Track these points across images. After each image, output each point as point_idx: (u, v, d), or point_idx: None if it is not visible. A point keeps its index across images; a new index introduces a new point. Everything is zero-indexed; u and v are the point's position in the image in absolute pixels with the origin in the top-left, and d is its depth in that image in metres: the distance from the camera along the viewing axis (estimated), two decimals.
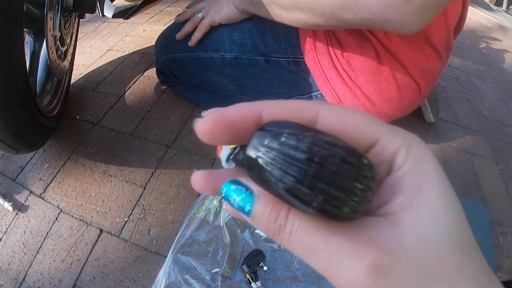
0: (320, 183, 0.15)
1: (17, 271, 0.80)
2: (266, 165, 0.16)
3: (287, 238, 0.18)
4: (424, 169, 0.19)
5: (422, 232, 0.18)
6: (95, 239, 0.85)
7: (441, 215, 0.18)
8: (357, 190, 0.16)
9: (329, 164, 0.15)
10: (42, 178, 0.97)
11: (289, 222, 0.18)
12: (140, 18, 1.74)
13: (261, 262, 0.79)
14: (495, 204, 1.12)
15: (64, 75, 1.13)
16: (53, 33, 0.95)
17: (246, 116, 0.19)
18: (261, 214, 0.19)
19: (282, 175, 0.16)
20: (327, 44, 0.87)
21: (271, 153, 0.16)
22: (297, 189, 0.16)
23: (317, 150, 0.16)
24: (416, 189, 0.19)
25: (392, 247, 0.17)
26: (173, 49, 1.04)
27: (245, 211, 0.19)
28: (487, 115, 1.56)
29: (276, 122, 0.18)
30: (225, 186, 0.20)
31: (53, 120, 1.01)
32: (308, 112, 0.20)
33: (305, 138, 0.16)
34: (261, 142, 0.17)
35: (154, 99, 1.22)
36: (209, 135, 0.19)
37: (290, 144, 0.16)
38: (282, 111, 0.19)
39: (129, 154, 1.04)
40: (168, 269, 0.77)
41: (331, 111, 0.20)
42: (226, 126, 0.19)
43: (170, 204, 0.93)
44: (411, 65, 0.83)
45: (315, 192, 0.15)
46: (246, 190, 0.19)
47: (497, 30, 2.72)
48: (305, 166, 0.15)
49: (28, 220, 0.89)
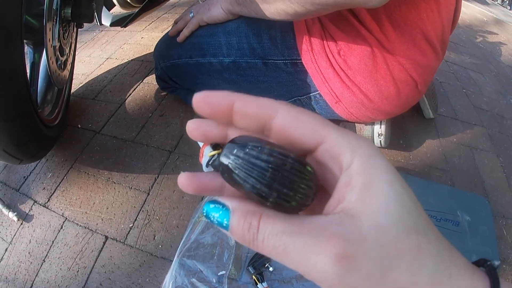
0: (274, 184, 0.20)
1: (24, 281, 0.80)
2: (235, 169, 0.21)
3: (261, 244, 0.21)
4: (373, 165, 0.21)
5: (377, 221, 0.20)
6: (100, 246, 0.85)
7: (391, 205, 0.20)
8: (301, 189, 0.21)
9: (282, 170, 0.21)
10: (46, 188, 0.98)
11: (260, 230, 0.21)
12: (138, 26, 1.76)
13: (267, 263, 0.80)
14: (497, 197, 1.12)
15: (65, 85, 1.14)
16: (52, 44, 0.96)
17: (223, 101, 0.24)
18: (237, 226, 0.21)
19: (246, 177, 0.21)
20: (323, 44, 0.87)
21: (238, 160, 0.21)
22: (258, 188, 0.21)
23: (273, 160, 0.21)
24: (367, 184, 0.21)
25: (353, 237, 0.19)
26: (171, 55, 1.04)
27: (223, 226, 0.22)
28: (486, 108, 1.56)
29: (243, 137, 0.23)
30: (205, 206, 0.23)
31: (55, 129, 1.01)
32: (267, 109, 0.23)
33: (264, 149, 0.21)
34: (231, 151, 0.22)
35: (155, 105, 1.23)
36: (196, 105, 0.24)
37: (253, 154, 0.21)
38: (248, 105, 0.23)
39: (132, 161, 1.04)
40: (175, 273, 0.77)
41: (286, 112, 0.23)
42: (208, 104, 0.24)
43: (174, 209, 0.93)
44: (407, 61, 0.83)
45: (271, 190, 0.21)
46: (223, 207, 0.22)
47: (493, 23, 2.73)
48: (263, 171, 0.20)
49: (33, 229, 0.89)
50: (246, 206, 0.22)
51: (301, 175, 0.21)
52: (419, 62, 0.84)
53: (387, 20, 0.80)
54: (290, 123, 0.23)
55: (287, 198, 0.21)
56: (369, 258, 0.19)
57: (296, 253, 0.20)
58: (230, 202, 0.22)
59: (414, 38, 0.82)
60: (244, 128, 0.24)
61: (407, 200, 0.21)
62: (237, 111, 0.23)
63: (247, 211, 0.21)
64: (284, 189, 0.21)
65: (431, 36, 0.83)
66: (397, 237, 0.20)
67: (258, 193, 0.21)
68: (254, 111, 0.23)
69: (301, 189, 0.21)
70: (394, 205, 0.20)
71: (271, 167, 0.20)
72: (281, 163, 0.21)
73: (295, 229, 0.20)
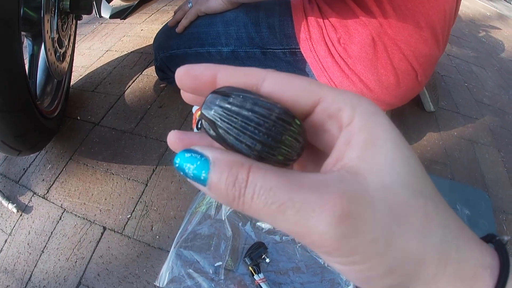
0: (259, 135, 0.19)
1: (23, 271, 0.81)
2: (216, 120, 0.19)
3: (250, 201, 0.18)
4: (376, 122, 0.19)
5: (384, 181, 0.18)
6: (98, 237, 0.86)
7: (399, 165, 0.18)
8: (288, 141, 0.19)
9: (267, 120, 0.19)
10: (45, 179, 0.98)
11: (250, 185, 0.18)
12: (137, 18, 1.75)
13: (264, 254, 0.80)
14: (497, 192, 1.12)
15: (64, 77, 1.13)
16: (50, 35, 0.96)
17: (205, 72, 0.22)
18: (218, 179, 0.18)
19: (229, 128, 0.19)
20: (321, 32, 0.87)
21: (220, 111, 0.19)
22: (240, 139, 0.19)
23: (258, 109, 0.19)
24: (370, 141, 0.19)
25: (359, 196, 0.17)
26: (170, 46, 1.04)
27: (200, 180, 0.19)
28: (487, 103, 1.55)
29: (226, 87, 0.21)
30: (178, 155, 0.20)
31: (54, 121, 1.01)
32: (254, 77, 0.21)
33: (248, 99, 0.19)
34: (213, 101, 0.20)
35: (154, 97, 1.23)
36: (179, 80, 0.22)
37: (236, 103, 0.19)
38: (232, 74, 0.22)
39: (130, 152, 1.04)
40: (171, 264, 0.77)
41: (275, 77, 0.21)
42: (190, 76, 0.22)
43: (172, 200, 0.93)
44: (408, 48, 0.82)
45: (255, 141, 0.19)
46: (201, 157, 0.19)
47: (496, 18, 2.70)
48: (247, 121, 0.19)
49: (32, 220, 0.89)
50: (230, 157, 0.19)
51: (288, 126, 0.19)
52: (420, 51, 0.83)
53: (388, 3, 0.79)
54: (280, 87, 0.21)
55: (272, 150, 0.19)
56: (376, 220, 0.17)
57: (294, 211, 0.17)
58: (210, 152, 0.19)
59: (416, 23, 0.80)
60: None
61: (413, 163, 0.19)
62: (221, 81, 0.21)
63: (233, 162, 0.18)
64: (269, 140, 0.19)
65: (434, 23, 0.82)
66: (405, 200, 0.18)
67: (241, 144, 0.19)
68: (239, 80, 0.21)
69: (287, 141, 0.19)
70: (400, 166, 0.18)
71: (255, 117, 0.19)
72: (267, 113, 0.19)
73: (292, 184, 0.18)
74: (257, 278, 0.76)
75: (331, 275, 0.79)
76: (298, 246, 0.83)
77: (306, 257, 0.81)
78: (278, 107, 0.19)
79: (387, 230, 0.17)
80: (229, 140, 0.19)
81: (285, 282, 0.78)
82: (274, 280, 0.78)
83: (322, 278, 0.78)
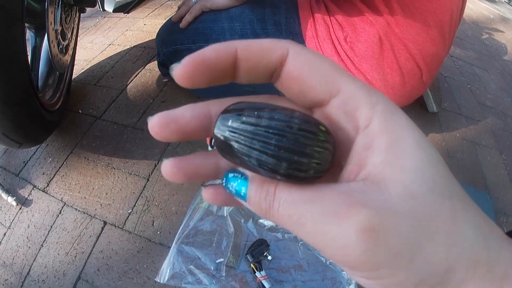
0: (282, 152, 0.17)
1: (22, 265, 0.80)
2: (233, 144, 0.18)
3: (277, 213, 0.19)
4: (396, 123, 0.18)
5: (408, 188, 0.17)
6: (99, 232, 0.85)
7: (424, 168, 0.17)
8: (317, 153, 0.18)
9: (288, 134, 0.17)
10: (46, 172, 0.98)
11: (276, 198, 0.19)
12: (141, 12, 1.74)
13: (265, 251, 0.79)
14: (498, 194, 1.12)
15: (66, 70, 1.13)
16: (54, 27, 0.95)
17: (220, 55, 0.19)
18: (254, 194, 0.20)
19: (248, 150, 0.18)
20: (328, 30, 0.86)
21: (235, 132, 0.18)
22: (263, 160, 0.17)
23: (275, 124, 0.17)
24: (393, 144, 0.18)
25: (381, 207, 0.16)
26: (174, 41, 1.03)
27: (241, 195, 0.20)
28: (490, 105, 1.55)
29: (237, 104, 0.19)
30: (225, 175, 0.22)
31: (55, 114, 1.01)
32: (277, 53, 0.19)
33: (263, 113, 0.18)
34: (224, 123, 0.18)
35: (156, 91, 1.22)
36: (186, 78, 0.19)
37: (250, 121, 0.18)
38: (254, 50, 0.20)
39: (132, 147, 1.04)
40: (173, 260, 0.77)
41: (297, 57, 0.19)
42: (203, 68, 0.19)
43: (174, 195, 0.93)
44: (415, 47, 0.82)
45: (279, 161, 0.17)
46: (241, 176, 0.21)
47: (499, 21, 2.70)
48: (266, 139, 0.17)
49: (32, 214, 0.89)
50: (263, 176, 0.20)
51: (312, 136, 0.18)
52: (427, 50, 0.83)
53: (396, 1, 0.78)
54: (302, 69, 0.19)
55: (301, 166, 0.17)
56: (400, 233, 0.16)
57: (312, 223, 0.17)
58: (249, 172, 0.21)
59: (425, 22, 0.80)
60: (249, 81, 0.21)
61: (438, 162, 0.18)
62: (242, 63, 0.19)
63: (264, 180, 0.20)
64: (294, 156, 0.17)
65: (442, 22, 0.81)
66: (431, 206, 0.17)
67: (265, 167, 0.18)
68: (262, 58, 0.19)
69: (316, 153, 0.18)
70: (426, 168, 0.17)
71: (274, 133, 0.17)
72: (287, 125, 0.17)
73: (311, 196, 0.18)
74: (259, 276, 0.76)
75: (333, 274, 0.78)
76: (300, 244, 0.83)
77: (308, 255, 0.81)
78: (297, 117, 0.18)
79: (412, 242, 0.16)
80: (251, 165, 0.18)
81: (287, 280, 0.77)
82: (275, 277, 0.78)
83: (324, 277, 0.78)
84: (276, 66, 0.20)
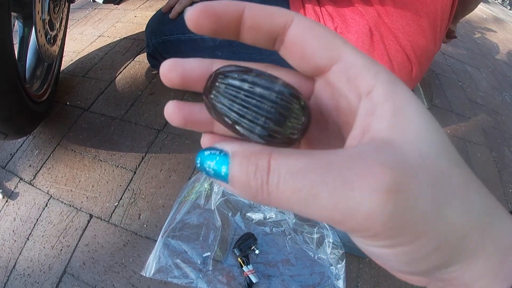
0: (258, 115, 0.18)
1: (7, 259, 0.79)
2: (217, 101, 0.19)
3: (276, 189, 0.16)
4: (398, 92, 0.18)
5: (421, 149, 0.16)
6: (85, 225, 0.84)
7: (430, 134, 0.17)
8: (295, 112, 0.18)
9: (267, 99, 0.18)
10: (32, 165, 0.96)
11: (273, 171, 0.16)
12: (131, 4, 1.72)
13: (253, 245, 0.79)
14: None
15: (54, 60, 1.11)
16: (41, 16, 0.93)
17: (229, 9, 0.19)
18: (239, 171, 0.17)
19: (227, 110, 0.19)
20: (318, 20, 0.85)
21: (220, 91, 0.19)
22: (240, 122, 0.18)
23: (258, 87, 0.18)
24: (398, 111, 0.17)
25: (401, 166, 0.15)
26: (163, 31, 1.02)
27: (221, 176, 0.17)
28: (481, 103, 1.56)
29: (227, 67, 0.20)
30: (199, 154, 0.19)
31: (43, 105, 0.99)
32: (280, 19, 0.19)
33: (248, 78, 0.19)
34: (212, 84, 0.19)
35: (145, 84, 1.21)
36: (195, 22, 0.19)
37: (235, 84, 0.19)
38: (261, 11, 0.20)
39: (119, 139, 1.02)
40: (159, 254, 0.76)
41: (301, 23, 0.19)
42: (210, 16, 0.19)
43: (161, 188, 0.92)
44: (405, 38, 0.81)
45: (254, 124, 0.18)
46: (220, 153, 0.18)
47: (492, 21, 2.72)
48: (245, 103, 0.18)
49: (18, 207, 0.87)
50: (249, 147, 0.17)
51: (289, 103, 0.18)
52: (417, 41, 0.82)
53: None
54: (305, 34, 0.19)
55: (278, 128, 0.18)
56: (424, 192, 0.15)
57: (329, 194, 0.15)
58: (230, 145, 0.18)
59: (415, 11, 0.79)
60: (253, 42, 0.21)
61: (441, 131, 0.17)
62: (247, 20, 0.19)
63: (251, 151, 0.17)
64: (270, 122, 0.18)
65: (432, 12, 0.81)
66: (445, 169, 0.16)
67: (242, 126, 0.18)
68: (266, 20, 0.19)
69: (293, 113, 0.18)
70: (432, 134, 0.17)
71: (254, 97, 0.18)
72: (267, 92, 0.18)
73: (319, 164, 0.16)
74: (246, 270, 0.75)
75: (321, 269, 0.78)
76: (288, 238, 0.82)
77: (296, 249, 0.80)
78: (280, 83, 0.18)
79: (435, 201, 0.16)
80: (230, 124, 0.19)
81: (275, 274, 0.77)
82: (263, 272, 0.77)
83: (312, 271, 0.78)
84: (279, 29, 0.20)
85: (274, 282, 0.76)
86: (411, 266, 0.17)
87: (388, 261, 0.18)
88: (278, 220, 0.84)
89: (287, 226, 0.83)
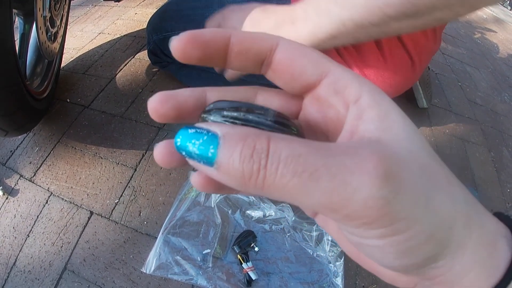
0: None
1: (8, 256, 0.79)
2: None
3: (274, 174, 0.15)
4: (382, 100, 0.19)
5: (407, 146, 0.18)
6: (85, 222, 0.84)
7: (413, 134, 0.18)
8: None
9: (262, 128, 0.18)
10: (32, 162, 0.96)
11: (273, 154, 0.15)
12: (132, 2, 1.72)
13: (253, 243, 0.79)
14: (486, 191, 1.13)
15: (55, 57, 1.11)
16: (42, 13, 0.93)
17: (216, 37, 0.20)
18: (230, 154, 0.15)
19: None
20: None
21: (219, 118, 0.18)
22: None
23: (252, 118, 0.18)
24: (383, 115, 0.18)
25: (394, 156, 0.16)
26: (164, 28, 1.02)
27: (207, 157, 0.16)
28: (480, 103, 1.56)
29: (217, 103, 0.20)
30: (180, 132, 0.17)
31: (43, 102, 0.99)
32: (266, 43, 0.20)
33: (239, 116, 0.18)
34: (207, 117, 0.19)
35: (145, 81, 1.21)
36: (182, 51, 0.19)
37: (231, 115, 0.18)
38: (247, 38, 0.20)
39: (120, 136, 1.03)
40: (159, 250, 0.76)
41: (287, 44, 0.20)
42: (198, 44, 0.19)
43: (161, 186, 0.92)
44: (407, 36, 0.81)
45: None
46: (208, 133, 0.16)
47: (492, 22, 2.72)
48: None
49: (18, 204, 0.87)
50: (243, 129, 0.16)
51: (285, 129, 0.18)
52: (418, 40, 0.83)
53: None
54: (292, 55, 0.20)
55: None
56: (415, 179, 0.16)
57: (329, 177, 0.15)
58: (218, 127, 0.16)
59: None
60: (240, 68, 0.21)
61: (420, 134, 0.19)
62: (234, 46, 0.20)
63: (247, 133, 0.16)
64: None
65: None
66: (431, 163, 0.18)
67: None
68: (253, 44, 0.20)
69: None
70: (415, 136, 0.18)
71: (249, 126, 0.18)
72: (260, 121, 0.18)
73: (322, 150, 0.16)
74: (246, 267, 0.76)
75: (319, 266, 0.79)
76: (287, 235, 0.83)
77: (295, 247, 0.81)
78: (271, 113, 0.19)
79: (425, 189, 0.17)
80: None
81: (274, 271, 0.78)
82: (262, 269, 0.78)
83: (310, 269, 0.78)
84: (266, 53, 0.20)
85: (273, 279, 0.77)
86: (403, 259, 0.18)
87: (380, 254, 0.18)
88: (278, 217, 0.85)
89: (286, 224, 0.84)
